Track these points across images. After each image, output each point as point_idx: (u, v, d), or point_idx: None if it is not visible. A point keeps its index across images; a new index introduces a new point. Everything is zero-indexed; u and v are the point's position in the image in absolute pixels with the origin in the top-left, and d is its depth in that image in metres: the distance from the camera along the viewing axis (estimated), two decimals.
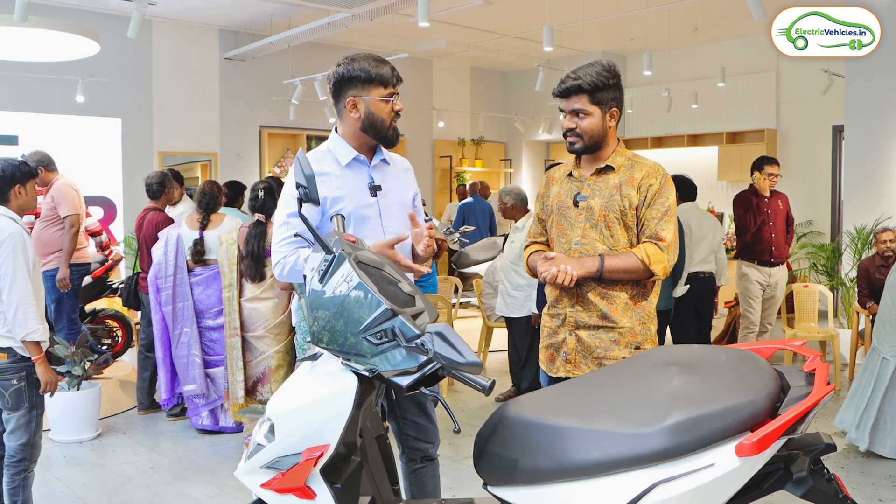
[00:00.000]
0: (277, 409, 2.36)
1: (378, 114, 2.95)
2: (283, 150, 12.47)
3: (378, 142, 3.02)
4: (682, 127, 12.72)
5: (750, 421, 2.16)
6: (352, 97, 2.95)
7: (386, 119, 2.97)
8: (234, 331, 5.50)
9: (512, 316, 6.48)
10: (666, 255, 3.01)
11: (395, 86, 2.98)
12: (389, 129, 2.99)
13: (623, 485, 2.15)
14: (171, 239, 5.85)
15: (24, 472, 3.85)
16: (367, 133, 2.98)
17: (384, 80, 2.94)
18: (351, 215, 2.94)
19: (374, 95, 2.93)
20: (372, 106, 2.94)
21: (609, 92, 3.07)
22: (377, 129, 2.97)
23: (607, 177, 3.11)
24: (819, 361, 2.39)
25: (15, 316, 3.69)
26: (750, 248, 7.16)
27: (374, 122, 2.96)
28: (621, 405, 2.29)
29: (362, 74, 2.92)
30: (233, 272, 5.53)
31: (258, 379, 5.55)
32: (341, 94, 2.97)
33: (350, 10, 9.00)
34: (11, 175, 3.90)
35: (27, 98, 9.80)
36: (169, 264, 5.80)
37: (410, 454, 3.12)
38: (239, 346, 5.50)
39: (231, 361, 5.51)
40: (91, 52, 7.70)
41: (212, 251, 5.81)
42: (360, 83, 2.93)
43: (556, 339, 3.16)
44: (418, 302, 2.37)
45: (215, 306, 5.76)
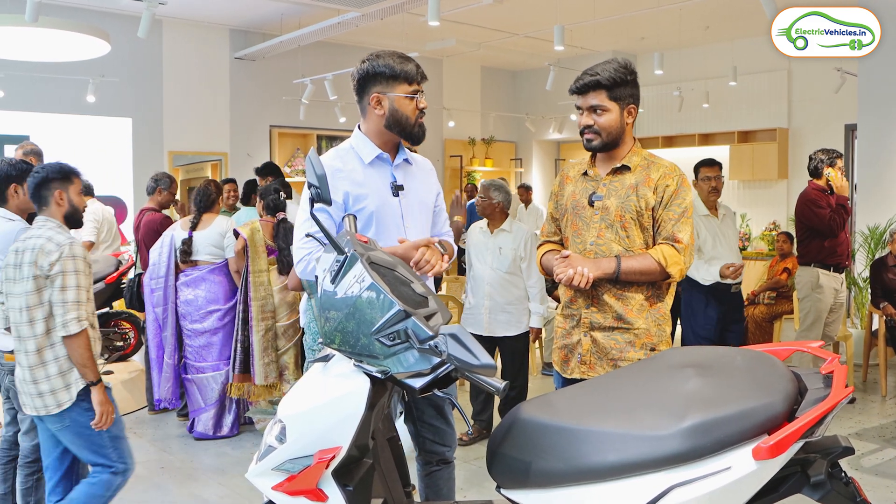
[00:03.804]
0: (289, 410, 2.34)
1: (402, 110, 2.93)
2: (294, 149, 12.46)
3: (403, 139, 3.01)
4: (694, 126, 12.66)
5: (767, 424, 2.14)
6: (376, 94, 2.93)
7: (411, 116, 2.95)
8: (269, 314, 5.55)
9: (508, 334, 5.59)
10: (682, 257, 2.98)
11: (420, 83, 2.96)
12: (415, 125, 2.97)
13: (638, 488, 2.12)
14: (165, 239, 5.90)
15: (38, 472, 3.84)
16: (392, 130, 2.97)
17: (409, 76, 2.92)
18: (373, 214, 2.93)
19: (399, 92, 2.92)
20: (396, 103, 2.92)
21: (627, 88, 3.05)
22: (402, 126, 2.95)
23: (623, 176, 3.08)
24: (837, 363, 2.35)
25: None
26: (829, 252, 6.30)
27: (398, 118, 2.94)
28: (637, 407, 2.27)
29: (387, 71, 2.90)
30: (262, 258, 5.55)
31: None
32: (365, 90, 2.96)
33: (360, 9, 9.00)
34: (7, 174, 3.86)
35: (38, 98, 9.82)
36: (161, 265, 5.84)
37: (427, 457, 3.11)
38: (274, 329, 5.56)
39: (266, 343, 5.53)
40: (101, 52, 7.71)
41: (199, 252, 5.82)
42: (384, 80, 2.91)
43: (571, 341, 3.14)
44: (431, 303, 2.35)
45: (204, 307, 5.76)
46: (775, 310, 8.00)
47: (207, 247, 5.79)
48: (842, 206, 6.09)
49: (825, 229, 6.13)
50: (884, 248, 7.69)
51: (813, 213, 6.15)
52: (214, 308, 5.76)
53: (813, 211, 6.15)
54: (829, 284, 6.30)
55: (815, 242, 6.26)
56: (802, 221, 6.22)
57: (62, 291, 3.28)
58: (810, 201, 6.21)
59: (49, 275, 3.28)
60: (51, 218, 3.46)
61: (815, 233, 6.22)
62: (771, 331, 8.03)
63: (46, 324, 3.30)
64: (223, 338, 5.78)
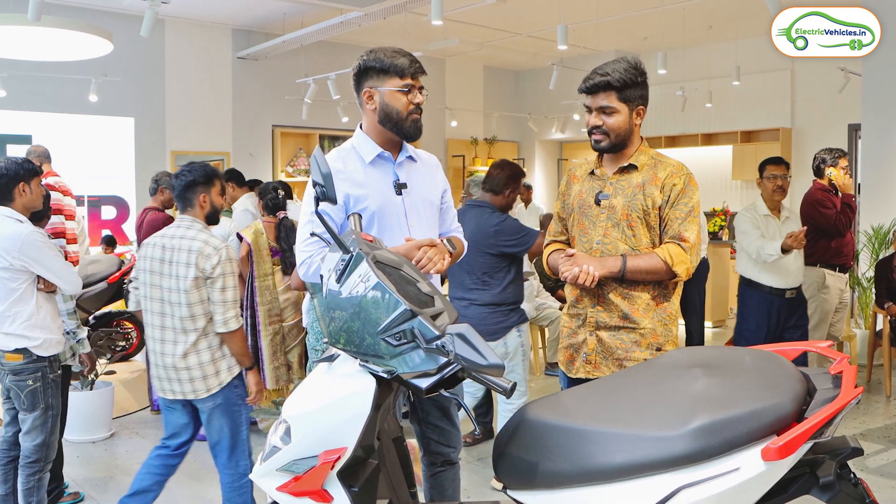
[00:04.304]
0: (294, 410, 2.32)
1: (393, 105, 2.87)
2: (296, 149, 12.45)
3: (397, 135, 2.93)
4: (697, 126, 12.63)
5: (776, 424, 2.12)
6: (368, 88, 2.89)
7: (402, 111, 2.87)
8: (276, 318, 5.51)
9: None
10: (689, 256, 2.96)
11: (415, 77, 2.90)
12: (407, 121, 2.89)
13: (646, 489, 2.11)
14: None
15: (40, 472, 3.85)
16: (385, 126, 2.90)
17: (399, 70, 2.85)
18: (375, 214, 2.88)
19: (390, 86, 2.86)
20: (387, 97, 2.87)
21: (637, 90, 3.03)
22: (393, 121, 2.89)
23: (630, 175, 3.06)
24: (846, 363, 2.34)
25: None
26: (835, 252, 6.24)
27: (389, 113, 2.88)
28: (644, 408, 2.25)
29: (377, 65, 2.86)
30: (267, 262, 5.53)
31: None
32: (360, 86, 2.93)
33: (363, 8, 8.98)
34: (14, 173, 3.86)
35: (40, 97, 9.81)
36: None
37: (432, 458, 3.09)
38: (282, 332, 5.54)
39: (275, 346, 5.50)
40: (104, 51, 7.70)
41: None
42: (375, 74, 2.87)
43: (576, 340, 3.12)
44: (437, 302, 2.32)
45: None
46: None
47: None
48: (847, 206, 6.02)
49: (832, 230, 6.05)
50: (888, 247, 7.66)
51: (819, 214, 6.06)
52: None
53: (819, 211, 6.07)
54: (834, 284, 6.24)
55: (821, 243, 6.16)
56: (809, 222, 6.08)
57: (222, 292, 3.59)
58: (816, 202, 6.14)
59: (211, 276, 3.55)
60: (196, 219, 3.70)
61: (821, 233, 6.11)
62: None
63: (206, 318, 3.61)
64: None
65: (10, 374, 3.80)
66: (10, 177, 3.84)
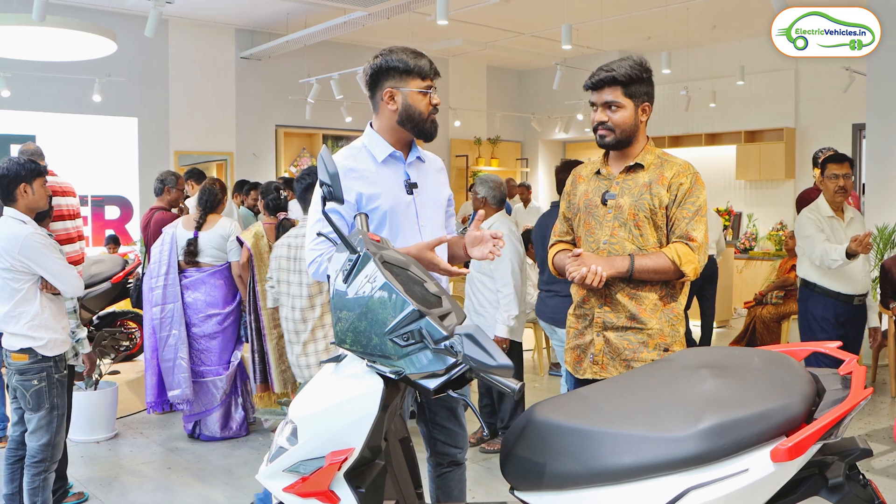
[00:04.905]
0: (300, 411, 2.31)
1: (416, 106, 2.89)
2: (299, 149, 12.46)
3: (416, 135, 2.96)
4: (701, 126, 12.62)
5: (785, 425, 2.11)
6: (389, 88, 2.89)
7: (424, 112, 2.90)
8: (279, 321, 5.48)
9: None
10: (696, 256, 2.95)
11: (433, 79, 2.93)
12: (427, 121, 2.93)
13: (655, 490, 2.10)
14: (166, 237, 5.79)
15: (45, 472, 3.84)
16: (405, 126, 2.92)
17: (422, 72, 2.88)
18: (386, 213, 2.89)
19: (412, 87, 2.88)
20: (410, 98, 2.88)
21: (642, 86, 3.04)
22: (415, 121, 2.91)
23: (636, 175, 3.05)
24: (855, 364, 2.33)
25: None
26: None
27: (411, 114, 2.90)
28: (652, 409, 2.24)
29: (400, 65, 2.87)
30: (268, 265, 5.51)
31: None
32: (378, 85, 2.92)
33: (366, 8, 8.98)
34: (17, 174, 3.84)
35: (44, 97, 9.83)
36: (162, 263, 5.71)
37: (438, 458, 3.08)
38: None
39: (281, 350, 5.43)
40: (108, 51, 7.71)
41: (204, 253, 5.72)
42: (398, 74, 2.88)
43: (584, 341, 3.11)
44: (445, 303, 2.31)
45: (202, 311, 5.67)
46: (783, 310, 7.97)
47: (210, 249, 5.70)
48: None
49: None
50: (893, 248, 7.64)
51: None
52: (213, 312, 5.68)
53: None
54: None
55: None
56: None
57: None
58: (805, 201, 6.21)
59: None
60: None
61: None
62: (779, 331, 8.00)
63: (322, 308, 4.01)
64: (222, 343, 5.71)
65: (17, 373, 3.81)
66: (11, 177, 3.83)
